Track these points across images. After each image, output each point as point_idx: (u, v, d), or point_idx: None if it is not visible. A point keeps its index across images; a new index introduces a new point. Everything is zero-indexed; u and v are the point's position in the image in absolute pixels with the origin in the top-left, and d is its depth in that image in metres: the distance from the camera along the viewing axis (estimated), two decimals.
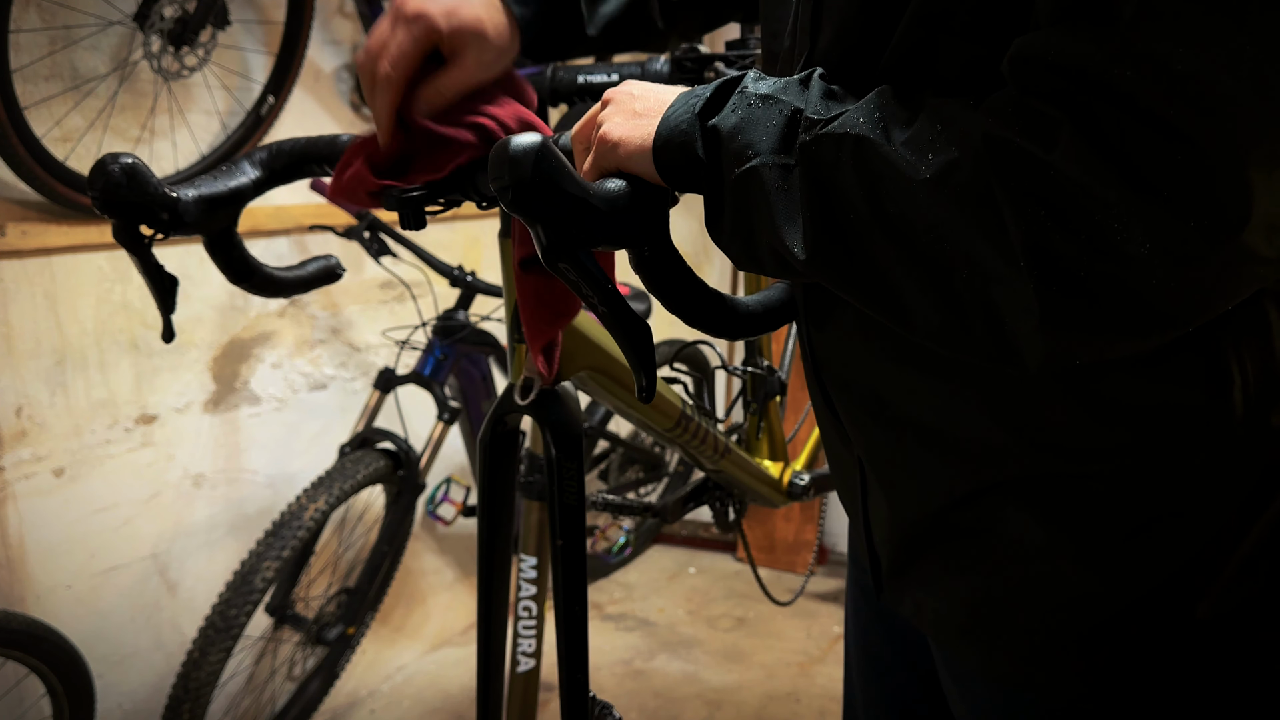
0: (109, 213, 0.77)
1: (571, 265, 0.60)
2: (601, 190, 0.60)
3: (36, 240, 1.70)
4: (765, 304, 0.72)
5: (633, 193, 0.61)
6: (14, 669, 1.62)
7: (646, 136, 0.62)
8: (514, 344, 0.97)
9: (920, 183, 0.51)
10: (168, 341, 0.87)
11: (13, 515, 1.73)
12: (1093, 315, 0.48)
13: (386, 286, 2.43)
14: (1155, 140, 0.45)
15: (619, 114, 0.65)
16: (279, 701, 2.18)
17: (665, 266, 0.63)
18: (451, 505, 2.16)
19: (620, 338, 0.64)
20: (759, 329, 0.71)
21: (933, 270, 0.51)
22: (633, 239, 0.62)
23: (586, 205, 0.59)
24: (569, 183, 0.59)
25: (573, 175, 0.59)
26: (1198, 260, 0.46)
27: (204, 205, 0.81)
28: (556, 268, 0.60)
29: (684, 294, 0.64)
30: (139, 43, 1.81)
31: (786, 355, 1.87)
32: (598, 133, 0.65)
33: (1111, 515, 0.62)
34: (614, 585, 3.05)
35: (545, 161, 0.57)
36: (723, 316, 0.67)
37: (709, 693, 2.44)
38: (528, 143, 0.57)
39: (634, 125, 0.64)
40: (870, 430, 0.72)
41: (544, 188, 0.57)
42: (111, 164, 0.76)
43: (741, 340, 2.25)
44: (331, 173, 0.87)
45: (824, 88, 0.59)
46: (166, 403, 1.96)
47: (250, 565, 1.80)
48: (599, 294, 0.61)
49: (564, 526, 0.94)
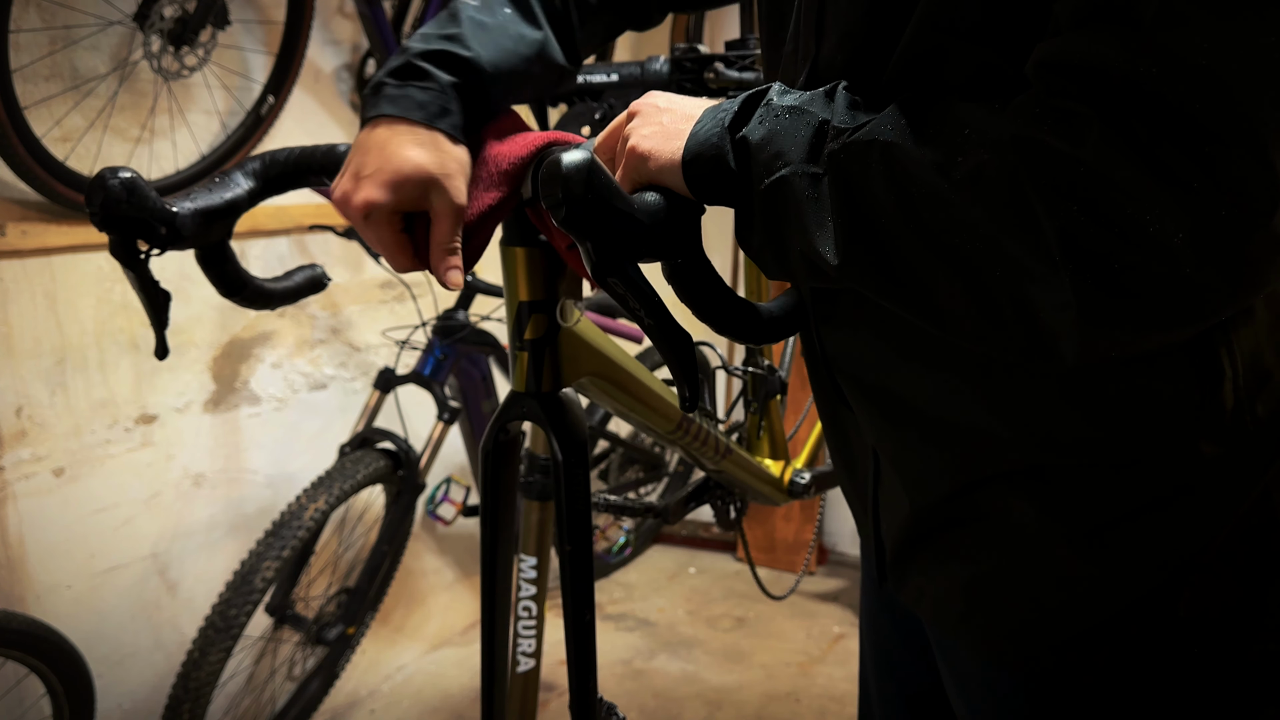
0: (107, 228, 0.76)
1: (620, 279, 0.61)
2: (644, 204, 0.61)
3: (36, 240, 1.70)
4: (785, 308, 0.73)
5: (669, 205, 0.62)
6: (14, 669, 1.62)
7: (676, 150, 0.63)
8: (515, 350, 0.97)
9: (950, 185, 0.51)
10: (161, 358, 0.86)
11: (13, 515, 1.73)
12: (1129, 307, 0.49)
13: (386, 286, 2.43)
14: (1182, 134, 0.46)
15: (647, 126, 0.66)
16: (279, 701, 2.18)
17: (698, 276, 0.64)
18: (451, 505, 2.16)
19: (665, 350, 0.65)
20: (785, 333, 0.72)
21: (966, 271, 0.52)
22: (671, 250, 0.63)
23: (633, 220, 0.60)
24: (617, 199, 0.60)
25: (620, 191, 0.60)
26: (1230, 249, 0.47)
27: (200, 219, 0.80)
28: (605, 283, 0.61)
29: (716, 303, 0.65)
30: (139, 42, 1.81)
31: (787, 355, 1.87)
32: (625, 145, 0.66)
33: (1106, 504, 0.63)
34: (614, 585, 3.05)
35: (596, 178, 0.58)
36: (753, 323, 0.68)
37: (709, 693, 2.44)
38: (579, 160, 0.58)
39: (663, 138, 0.64)
40: (879, 422, 0.73)
41: (595, 204, 0.58)
42: (111, 179, 0.74)
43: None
44: (328, 182, 0.87)
45: (849, 99, 0.59)
46: (166, 402, 1.96)
47: (250, 565, 1.80)
48: (646, 307, 0.62)
49: (572, 531, 0.94)
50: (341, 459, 2.00)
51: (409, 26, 2.32)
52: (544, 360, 0.96)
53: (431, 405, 2.17)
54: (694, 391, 0.67)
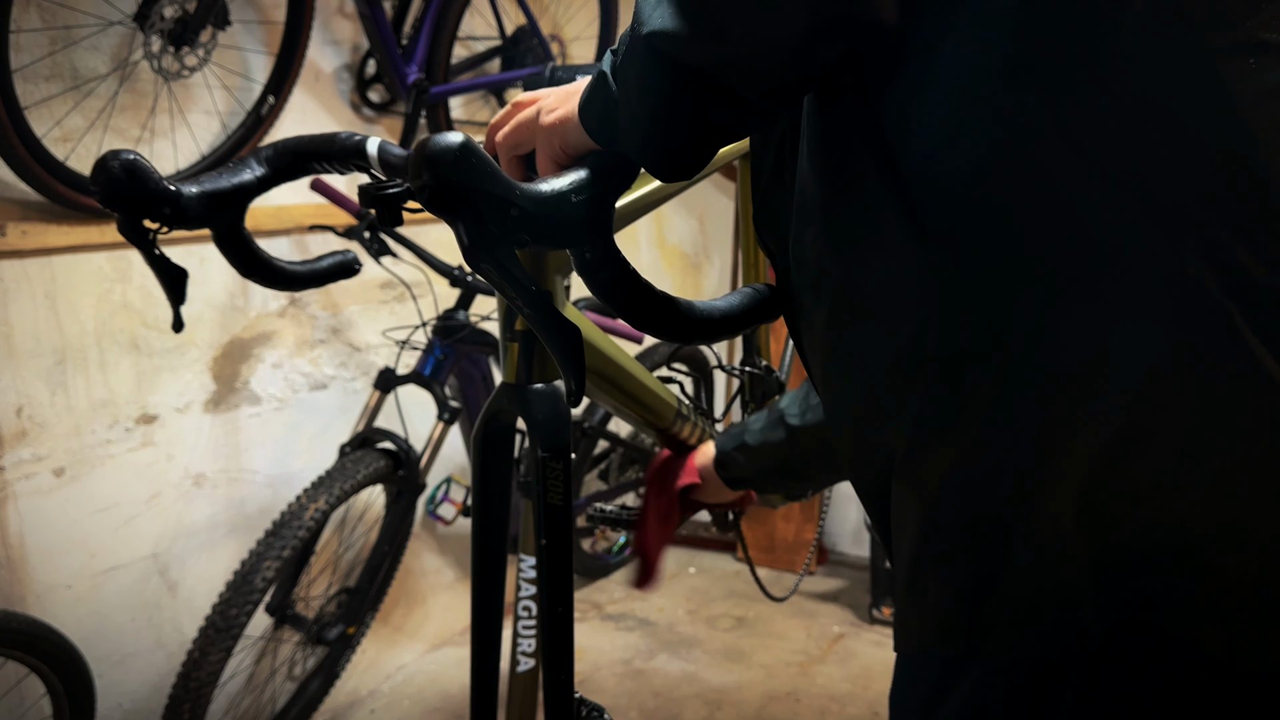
0: (111, 207, 0.79)
1: (493, 266, 0.59)
2: (531, 190, 0.60)
3: (37, 240, 1.71)
4: (728, 309, 0.71)
5: (571, 191, 0.61)
6: (14, 669, 1.62)
7: (574, 107, 0.65)
8: (506, 343, 0.97)
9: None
10: (177, 331, 0.88)
11: (13, 515, 1.73)
12: None
13: (387, 286, 2.43)
14: None
15: (549, 98, 0.68)
16: (279, 701, 2.18)
17: (608, 269, 0.63)
18: (451, 505, 2.17)
19: (548, 341, 0.63)
20: (716, 334, 0.70)
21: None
22: (569, 239, 0.61)
23: (510, 204, 0.58)
24: (490, 182, 0.58)
25: (496, 174, 0.58)
26: None
27: (206, 200, 0.82)
28: (479, 268, 0.60)
29: (630, 297, 0.64)
30: (139, 43, 1.81)
31: (786, 355, 1.87)
32: (540, 119, 0.67)
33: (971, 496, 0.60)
34: (614, 585, 3.05)
35: (466, 160, 0.57)
36: (673, 320, 0.66)
37: (709, 692, 2.44)
38: (447, 142, 0.57)
39: (563, 99, 0.66)
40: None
41: (461, 187, 0.57)
42: (112, 160, 0.77)
43: (740, 340, 2.25)
44: (332, 170, 0.88)
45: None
46: (167, 402, 1.97)
47: (250, 565, 1.80)
48: (521, 295, 0.61)
49: (548, 526, 0.94)
50: (342, 459, 2.00)
51: (409, 27, 2.32)
52: (535, 352, 0.96)
53: (432, 405, 2.17)
54: (579, 385, 0.65)
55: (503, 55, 2.60)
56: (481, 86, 2.58)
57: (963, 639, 0.60)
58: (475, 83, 2.55)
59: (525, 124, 0.70)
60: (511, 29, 2.59)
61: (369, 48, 2.28)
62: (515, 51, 2.59)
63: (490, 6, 2.52)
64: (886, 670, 2.50)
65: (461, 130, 2.58)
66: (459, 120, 2.61)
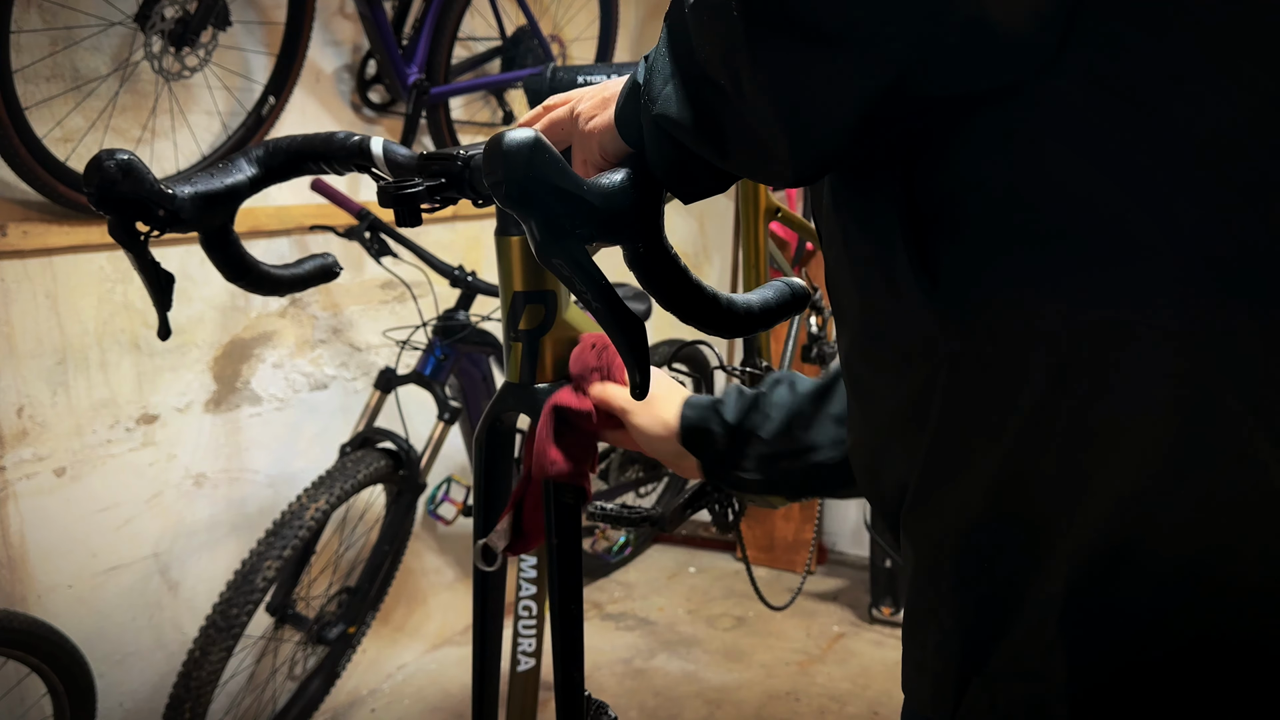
0: (104, 208, 0.77)
1: (565, 261, 0.60)
2: (595, 185, 0.61)
3: (38, 240, 1.71)
4: (762, 303, 0.72)
5: (626, 188, 0.62)
6: (15, 668, 1.62)
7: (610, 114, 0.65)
8: (510, 342, 0.97)
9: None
10: (163, 339, 0.87)
11: (14, 515, 1.74)
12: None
13: (387, 286, 2.43)
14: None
15: (585, 102, 0.68)
16: (280, 700, 2.18)
17: (660, 264, 0.63)
18: (452, 505, 2.17)
19: (615, 334, 0.64)
20: (755, 327, 0.71)
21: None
22: (626, 235, 0.62)
23: (579, 200, 0.59)
24: (561, 177, 0.59)
25: (566, 170, 0.59)
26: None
27: (200, 202, 0.81)
28: (550, 263, 0.60)
29: (679, 291, 0.65)
30: (140, 43, 1.81)
31: (786, 355, 1.87)
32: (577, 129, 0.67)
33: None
34: (614, 584, 3.06)
35: (539, 156, 0.58)
36: (718, 314, 0.67)
37: (709, 692, 2.44)
38: (521, 138, 0.58)
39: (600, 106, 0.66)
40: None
41: (537, 182, 0.58)
42: (107, 160, 0.76)
43: (740, 340, 2.25)
44: (329, 170, 0.88)
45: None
46: (168, 402, 1.97)
47: (251, 565, 1.80)
48: (592, 290, 0.61)
49: (559, 525, 0.95)
50: (342, 459, 2.01)
51: (409, 27, 2.33)
52: (538, 351, 0.96)
53: (432, 405, 2.18)
54: (645, 378, 0.65)
55: (503, 56, 2.60)
56: (482, 87, 2.59)
57: (949, 712, 0.59)
58: (476, 83, 2.55)
59: (559, 124, 0.70)
60: (512, 29, 2.60)
61: (369, 48, 2.29)
62: (515, 52, 2.59)
63: (490, 7, 2.52)
64: (886, 670, 2.50)
65: (461, 130, 2.59)
66: (459, 121, 2.61)
